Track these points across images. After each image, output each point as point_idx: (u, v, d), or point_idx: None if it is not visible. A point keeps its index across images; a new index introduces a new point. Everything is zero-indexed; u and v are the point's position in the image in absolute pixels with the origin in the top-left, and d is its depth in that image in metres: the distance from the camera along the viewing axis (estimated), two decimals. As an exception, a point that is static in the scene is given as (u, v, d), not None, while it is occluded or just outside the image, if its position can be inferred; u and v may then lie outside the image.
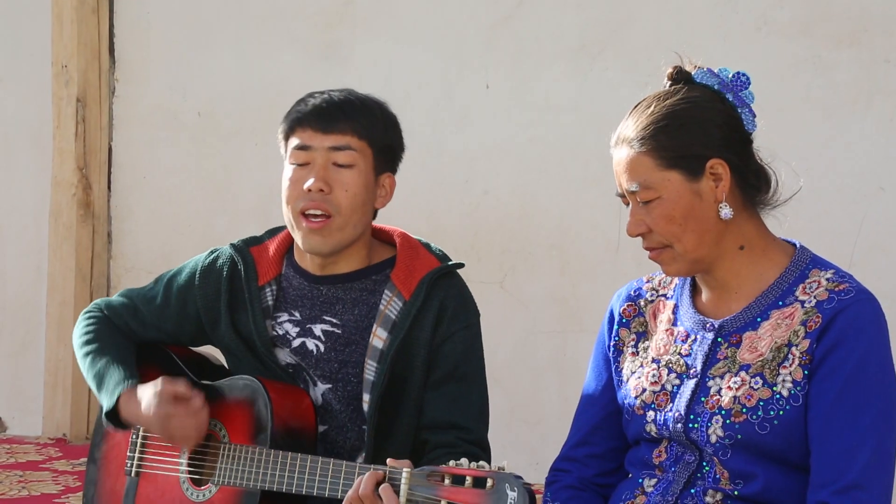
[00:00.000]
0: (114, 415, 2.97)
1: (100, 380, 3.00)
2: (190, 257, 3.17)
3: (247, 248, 3.06)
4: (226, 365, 3.12)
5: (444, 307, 2.93)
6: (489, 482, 2.42)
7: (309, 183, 2.89)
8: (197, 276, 3.06)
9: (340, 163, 2.91)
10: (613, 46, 5.07)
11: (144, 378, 3.06)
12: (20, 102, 6.11)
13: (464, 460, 2.48)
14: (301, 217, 2.91)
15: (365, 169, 2.93)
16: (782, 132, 4.55)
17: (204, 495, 2.93)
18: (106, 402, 2.97)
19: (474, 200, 5.32)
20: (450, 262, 2.99)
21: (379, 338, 2.93)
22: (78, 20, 5.87)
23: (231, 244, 3.07)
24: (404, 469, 2.54)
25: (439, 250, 3.02)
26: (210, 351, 3.17)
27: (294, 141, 2.94)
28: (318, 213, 2.89)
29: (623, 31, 5.05)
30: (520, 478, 2.42)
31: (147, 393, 2.91)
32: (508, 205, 5.26)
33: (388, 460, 2.60)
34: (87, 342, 3.07)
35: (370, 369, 2.93)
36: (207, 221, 5.83)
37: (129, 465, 3.05)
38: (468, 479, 2.44)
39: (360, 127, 2.92)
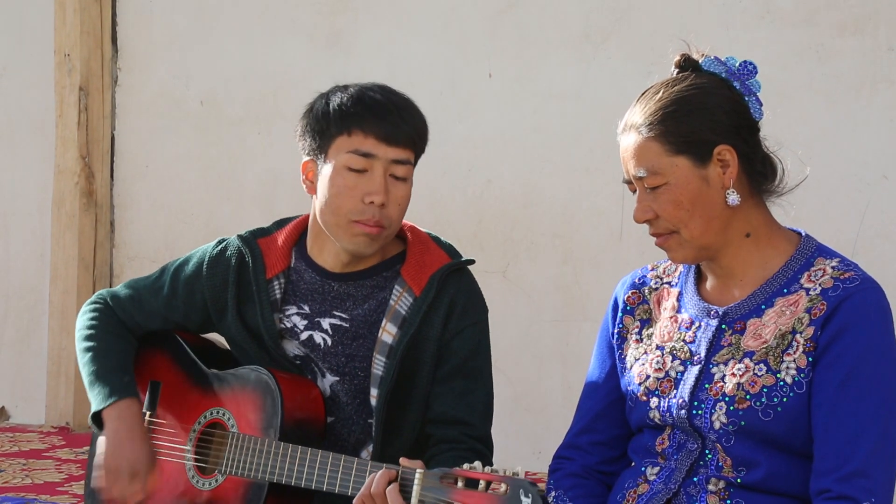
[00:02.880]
0: (97, 417, 2.99)
1: (92, 380, 3.01)
2: (193, 246, 3.16)
3: (254, 239, 3.03)
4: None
5: (454, 303, 2.92)
6: (503, 487, 2.40)
7: (373, 197, 2.82)
8: (205, 265, 3.04)
9: (398, 176, 2.86)
10: (617, 35, 5.06)
11: (152, 363, 3.08)
12: (23, 91, 6.11)
13: (477, 463, 2.46)
14: (353, 223, 2.85)
15: (411, 180, 2.91)
16: (786, 120, 4.54)
17: (210, 484, 2.93)
18: (94, 405, 2.99)
19: (477, 189, 5.32)
20: (461, 259, 2.98)
21: (388, 333, 2.92)
22: (80, 9, 5.87)
23: (239, 235, 3.04)
24: (417, 470, 2.52)
25: (448, 244, 3.01)
26: (218, 337, 3.16)
27: (353, 143, 2.84)
28: (373, 224, 2.85)
29: (626, 19, 5.04)
30: (535, 485, 2.40)
31: (138, 436, 2.94)
32: (511, 193, 5.26)
33: (402, 460, 2.58)
34: (89, 337, 3.07)
35: (378, 364, 2.92)
36: (210, 210, 5.83)
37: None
38: (482, 483, 2.43)
39: (417, 139, 2.89)
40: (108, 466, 2.93)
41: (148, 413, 3.05)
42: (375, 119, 2.83)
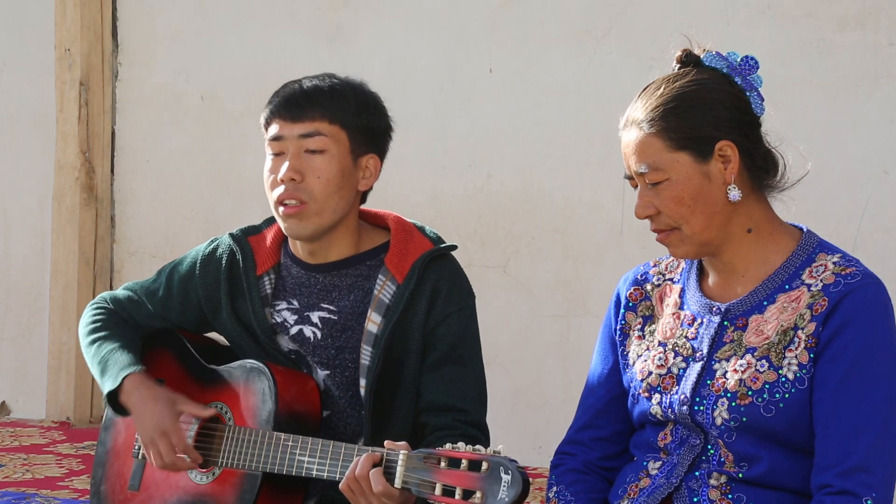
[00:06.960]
0: (114, 398, 2.98)
1: (104, 364, 3.02)
2: (194, 241, 3.18)
3: (245, 237, 3.07)
4: (234, 349, 3.14)
5: (437, 290, 2.93)
6: (484, 465, 2.44)
7: (281, 173, 2.90)
8: (198, 265, 3.07)
9: (312, 149, 2.90)
10: (617, 30, 5.06)
11: (155, 360, 3.09)
12: (24, 86, 6.11)
13: (461, 444, 2.49)
14: (278, 205, 2.92)
15: (339, 153, 2.91)
16: (786, 115, 4.54)
17: (207, 478, 2.95)
18: (109, 384, 2.98)
19: (478, 184, 5.32)
20: (442, 245, 2.99)
21: (374, 322, 2.93)
22: (81, 3, 5.86)
23: (229, 234, 3.08)
24: (401, 451, 2.55)
25: (433, 233, 3.02)
26: (218, 336, 3.17)
27: (269, 133, 2.95)
28: (293, 201, 2.90)
29: (627, 14, 5.04)
30: (514, 461, 2.44)
31: (162, 392, 2.95)
32: (512, 188, 5.26)
33: (386, 442, 2.61)
34: (94, 330, 3.09)
35: (366, 354, 2.93)
36: (211, 205, 5.83)
37: (136, 448, 3.06)
38: (464, 462, 2.46)
39: (329, 112, 2.91)
40: (146, 440, 2.93)
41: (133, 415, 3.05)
42: (281, 103, 2.94)
